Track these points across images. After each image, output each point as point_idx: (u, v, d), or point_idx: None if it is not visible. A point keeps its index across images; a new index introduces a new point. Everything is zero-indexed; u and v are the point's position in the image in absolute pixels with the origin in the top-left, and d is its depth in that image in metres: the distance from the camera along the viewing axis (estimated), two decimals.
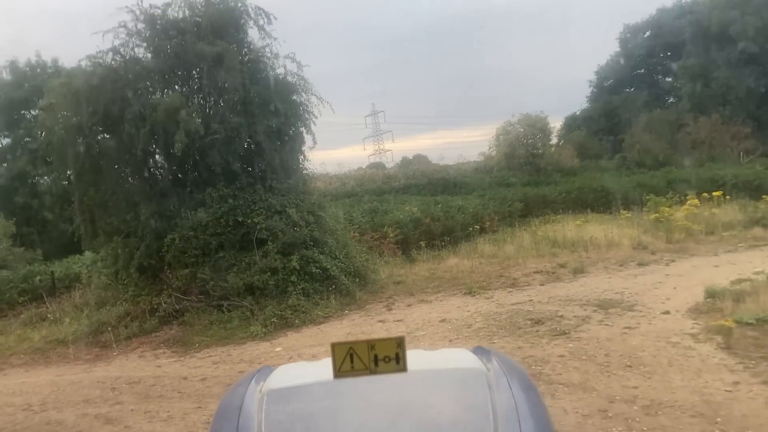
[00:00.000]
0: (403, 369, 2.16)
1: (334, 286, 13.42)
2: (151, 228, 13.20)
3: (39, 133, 13.84)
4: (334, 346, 2.17)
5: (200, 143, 13.09)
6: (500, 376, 2.57)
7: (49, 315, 14.57)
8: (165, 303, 12.89)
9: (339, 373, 2.16)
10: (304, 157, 15.17)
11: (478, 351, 3.01)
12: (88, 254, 17.05)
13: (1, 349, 12.38)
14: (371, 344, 2.16)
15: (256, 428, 2.31)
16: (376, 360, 2.15)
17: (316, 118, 14.54)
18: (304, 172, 15.26)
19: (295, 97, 14.39)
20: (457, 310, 11.97)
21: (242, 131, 13.61)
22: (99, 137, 12.92)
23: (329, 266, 13.41)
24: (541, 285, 13.72)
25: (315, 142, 14.62)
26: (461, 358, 3.00)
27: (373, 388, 2.43)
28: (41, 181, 23.84)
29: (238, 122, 13.55)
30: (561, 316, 10.62)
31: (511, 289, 13.63)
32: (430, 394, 2.54)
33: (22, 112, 25.38)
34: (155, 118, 12.19)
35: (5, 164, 24.41)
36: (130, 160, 13.42)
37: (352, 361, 2.16)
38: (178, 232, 13.08)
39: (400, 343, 2.16)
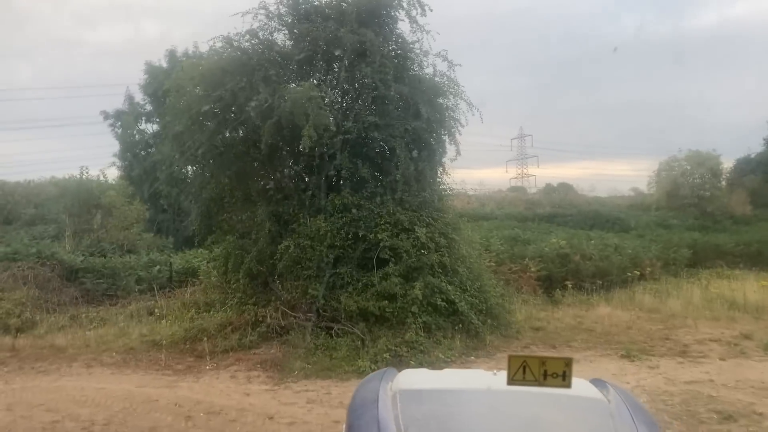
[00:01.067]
0: (568, 386, 2.44)
1: (460, 324, 11.27)
2: (266, 231, 11.85)
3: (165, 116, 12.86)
4: (511, 358, 2.49)
5: (329, 142, 11.54)
6: (622, 408, 2.67)
7: (156, 310, 13.75)
8: (271, 317, 11.46)
9: (512, 381, 2.45)
10: (443, 169, 13.16)
11: (596, 382, 3.09)
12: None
13: (99, 342, 11.55)
14: (543, 360, 2.47)
15: (393, 422, 2.46)
16: (545, 375, 2.43)
17: (462, 127, 12.50)
18: (441, 186, 13.23)
19: (441, 100, 12.46)
20: (612, 378, 9.32)
21: (377, 133, 11.88)
22: (223, 126, 11.78)
23: (457, 300, 11.27)
24: (722, 360, 10.83)
25: (458, 153, 12.53)
26: (580, 386, 2.94)
27: (502, 402, 2.67)
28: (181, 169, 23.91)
29: (374, 122, 11.85)
30: (760, 414, 7.85)
31: (681, 360, 10.83)
32: (559, 416, 2.65)
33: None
34: (283, 109, 10.78)
35: (152, 149, 24.87)
36: (254, 154, 12.17)
37: (524, 372, 2.44)
38: (293, 239, 11.59)
39: (568, 363, 2.47)
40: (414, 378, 3.13)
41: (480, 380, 2.99)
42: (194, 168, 13.09)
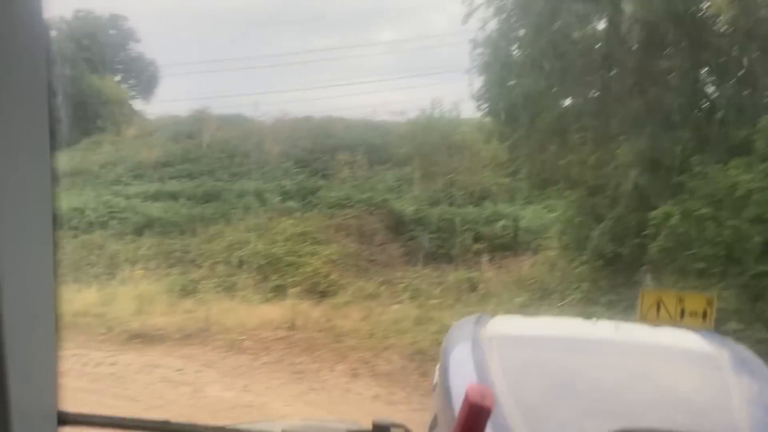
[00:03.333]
0: (709, 326, 2.39)
1: None
2: (630, 186, 6.80)
3: None
4: (644, 294, 2.64)
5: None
6: (736, 362, 2.50)
7: (480, 285, 10.13)
8: None
9: (642, 319, 2.51)
10: None
11: (709, 335, 2.91)
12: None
13: (388, 331, 8.50)
14: (681, 297, 2.47)
15: (491, 367, 2.35)
16: (682, 313, 2.41)
17: None
18: None
19: None
20: None
21: None
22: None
23: None
24: None
25: None
26: (691, 339, 2.87)
27: (606, 351, 2.55)
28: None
29: None
30: None
31: None
32: (664, 366, 2.51)
33: None
34: None
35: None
36: (620, 53, 7.10)
37: (658, 310, 2.40)
38: (679, 202, 6.31)
39: (710, 302, 2.44)
40: (509, 323, 3.07)
41: (578, 328, 2.84)
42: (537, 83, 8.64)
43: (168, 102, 49.34)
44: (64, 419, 0.79)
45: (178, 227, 12.14)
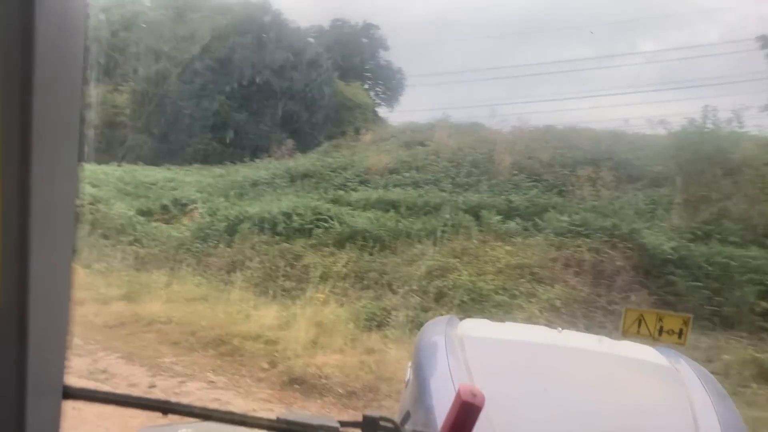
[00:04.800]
0: (683, 343, 2.57)
1: None
2: None
3: None
4: (627, 311, 2.73)
5: None
6: (692, 377, 2.54)
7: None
8: None
9: (626, 333, 2.54)
10: None
11: (664, 351, 2.98)
12: None
13: None
14: (660, 316, 2.59)
15: (464, 366, 2.38)
16: (660, 330, 2.56)
17: None
18: None
19: None
20: None
21: None
22: None
23: None
24: None
25: None
26: (649, 353, 2.93)
27: (573, 358, 2.63)
28: None
29: None
30: None
31: None
32: (628, 377, 2.60)
33: None
34: None
35: None
36: None
37: (639, 326, 2.53)
38: None
39: (686, 321, 2.56)
40: (477, 326, 3.10)
41: (545, 336, 2.93)
42: None
43: (412, 111, 50.27)
44: (68, 393, 0.85)
45: (380, 242, 10.76)
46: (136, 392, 5.47)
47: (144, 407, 0.99)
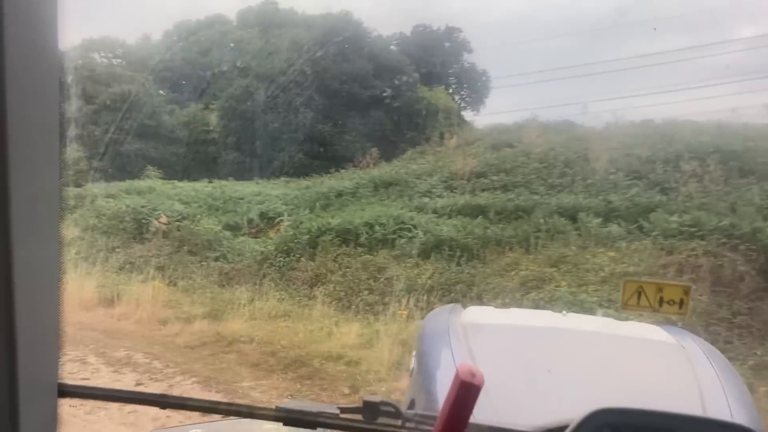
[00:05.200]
0: (685, 313, 2.57)
1: None
2: None
3: None
4: (625, 283, 2.63)
5: None
6: (698, 354, 2.54)
7: None
8: None
9: (625, 306, 2.59)
10: None
11: (670, 329, 2.98)
12: None
13: None
14: (660, 286, 2.55)
15: (467, 353, 2.41)
16: (661, 301, 2.51)
17: None
18: None
19: None
20: None
21: None
22: None
23: None
24: None
25: None
26: (656, 332, 2.94)
27: (578, 340, 2.63)
28: None
29: None
30: None
31: None
32: (633, 357, 2.58)
33: None
34: None
35: None
36: None
37: (638, 297, 2.52)
38: None
39: (687, 291, 2.55)
40: (482, 313, 3.09)
41: (550, 319, 2.91)
42: None
43: (498, 113, 49.09)
44: (64, 391, 0.86)
45: (468, 251, 10.07)
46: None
47: (140, 402, 1.03)
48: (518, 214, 12.04)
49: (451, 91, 39.54)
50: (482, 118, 38.25)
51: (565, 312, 2.98)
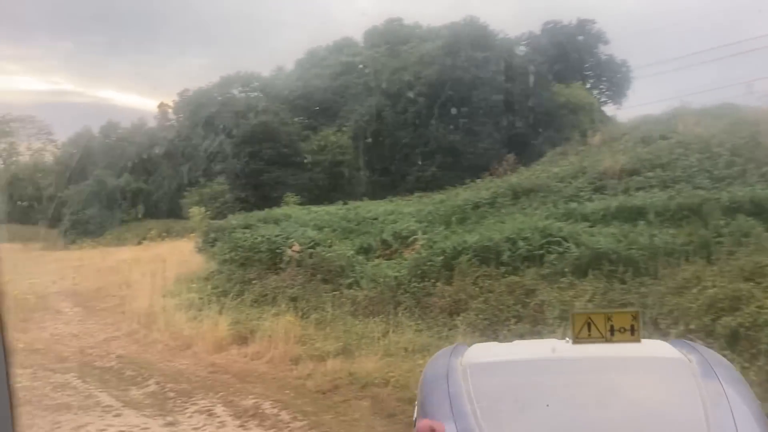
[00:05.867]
0: (638, 340, 2.39)
1: None
2: None
3: None
4: (574, 315, 2.46)
5: None
6: (705, 367, 2.51)
7: None
8: None
9: (577, 339, 2.41)
10: None
11: (679, 343, 2.93)
12: None
13: None
14: (608, 315, 2.40)
15: (465, 396, 2.42)
16: (612, 330, 2.37)
17: None
18: None
19: None
20: None
21: None
22: None
23: None
24: None
25: None
26: (658, 347, 2.90)
27: (578, 369, 2.56)
28: None
29: None
30: None
31: None
32: (635, 379, 2.56)
33: None
34: None
35: None
36: None
37: (589, 329, 2.39)
38: None
39: (635, 316, 2.40)
40: (484, 351, 3.03)
41: (551, 349, 2.83)
42: None
43: (643, 104, 45.34)
44: None
45: (633, 265, 8.51)
46: None
47: None
48: (683, 214, 10.31)
49: (588, 86, 37.02)
50: (625, 111, 35.33)
51: (567, 339, 2.75)
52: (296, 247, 12.50)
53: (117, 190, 35.48)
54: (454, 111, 31.75)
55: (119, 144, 39.66)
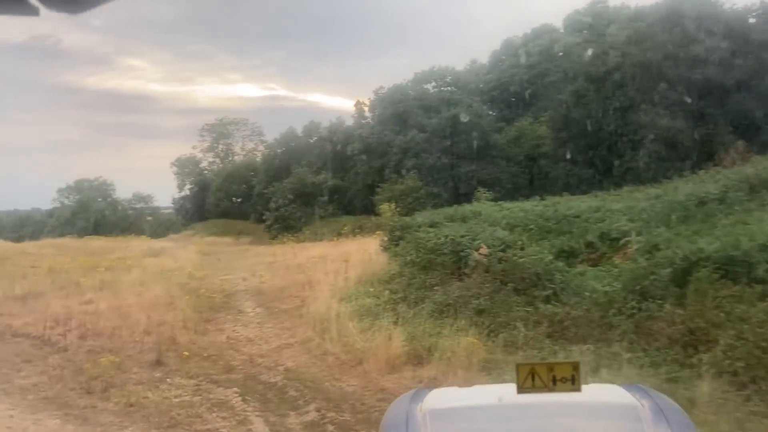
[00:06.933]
0: (578, 389, 2.45)
1: None
2: None
3: None
4: (518, 366, 2.50)
5: None
6: (656, 413, 2.56)
7: None
8: None
9: (522, 389, 2.46)
10: None
11: (632, 388, 2.95)
12: None
13: None
14: (550, 366, 2.48)
15: None
16: (554, 380, 2.43)
17: None
18: None
19: None
20: None
21: None
22: None
23: None
24: None
25: None
26: (614, 393, 2.91)
27: (532, 415, 2.57)
28: None
29: None
30: None
31: None
32: (586, 425, 2.60)
33: None
34: None
35: None
36: None
37: (533, 379, 2.44)
38: None
39: (575, 367, 2.48)
40: (444, 397, 3.03)
41: (510, 394, 2.78)
42: None
43: None
44: None
45: None
46: None
47: None
48: None
49: None
50: None
51: None
52: (483, 250, 10.96)
53: (315, 186, 36.83)
54: (670, 93, 27.70)
55: (319, 143, 41.31)
